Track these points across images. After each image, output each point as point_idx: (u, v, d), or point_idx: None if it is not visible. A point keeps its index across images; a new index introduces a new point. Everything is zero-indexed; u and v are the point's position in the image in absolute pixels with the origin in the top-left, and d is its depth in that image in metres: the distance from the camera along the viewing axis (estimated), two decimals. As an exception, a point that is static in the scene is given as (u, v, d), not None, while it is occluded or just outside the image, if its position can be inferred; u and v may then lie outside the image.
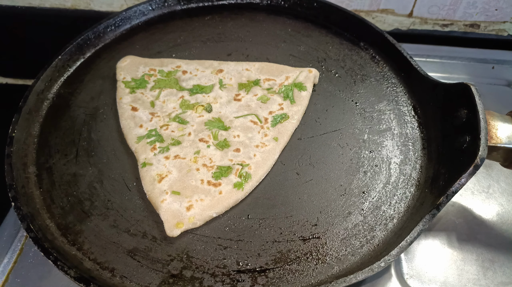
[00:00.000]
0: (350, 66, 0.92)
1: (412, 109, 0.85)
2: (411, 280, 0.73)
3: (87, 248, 0.67)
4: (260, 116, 0.81)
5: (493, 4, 1.12)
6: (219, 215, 0.70)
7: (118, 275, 0.64)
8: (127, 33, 0.99)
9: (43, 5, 1.23)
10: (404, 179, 0.75)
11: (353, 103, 0.86)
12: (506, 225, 0.79)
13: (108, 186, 0.74)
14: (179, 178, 0.72)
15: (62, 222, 0.69)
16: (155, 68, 0.88)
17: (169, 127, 0.79)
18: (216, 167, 0.73)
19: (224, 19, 1.02)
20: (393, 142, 0.80)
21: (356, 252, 0.66)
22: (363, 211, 0.71)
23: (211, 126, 0.79)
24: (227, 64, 0.90)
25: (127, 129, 0.79)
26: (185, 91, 0.85)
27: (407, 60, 0.87)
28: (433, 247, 0.77)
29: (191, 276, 0.64)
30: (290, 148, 0.79)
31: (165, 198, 0.69)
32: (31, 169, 0.75)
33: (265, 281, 0.64)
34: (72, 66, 0.91)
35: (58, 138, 0.80)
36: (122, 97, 0.83)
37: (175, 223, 0.67)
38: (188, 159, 0.74)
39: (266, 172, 0.75)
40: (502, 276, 0.73)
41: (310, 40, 0.97)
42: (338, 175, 0.75)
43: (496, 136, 0.69)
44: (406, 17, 1.18)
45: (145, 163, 0.74)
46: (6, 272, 0.75)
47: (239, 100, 0.84)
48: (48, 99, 0.85)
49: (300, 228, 0.69)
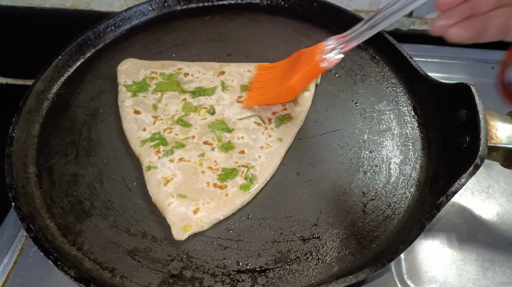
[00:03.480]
0: (350, 66, 0.92)
1: (412, 109, 0.85)
2: (411, 280, 0.73)
3: (87, 248, 0.67)
4: (264, 118, 0.81)
5: (493, 4, 1.11)
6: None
7: (118, 275, 0.64)
8: (127, 33, 0.99)
9: (43, 5, 1.23)
10: (404, 179, 0.75)
11: (353, 103, 0.86)
12: (506, 225, 0.79)
13: (108, 186, 0.74)
14: (185, 180, 0.72)
15: (62, 222, 0.70)
16: (156, 71, 0.88)
17: (173, 131, 0.79)
18: (221, 169, 0.73)
19: (224, 19, 1.02)
20: (393, 142, 0.80)
21: (356, 252, 0.66)
22: (363, 211, 0.71)
23: (215, 129, 0.79)
24: (228, 66, 0.89)
25: (130, 133, 0.79)
26: (187, 94, 0.85)
27: (407, 60, 0.87)
28: (433, 247, 0.77)
29: (191, 276, 0.64)
30: (290, 148, 0.79)
31: (171, 201, 0.69)
32: (31, 169, 0.75)
33: (265, 281, 0.64)
34: (72, 66, 0.91)
35: (58, 138, 0.80)
36: (124, 101, 0.83)
37: (183, 226, 0.67)
38: (192, 162, 0.74)
39: (271, 173, 0.74)
40: (502, 276, 0.73)
41: (310, 40, 0.97)
42: (338, 175, 0.75)
43: (496, 136, 0.69)
44: (406, 17, 1.17)
45: (150, 166, 0.74)
46: (6, 272, 0.75)
47: (242, 102, 0.83)
48: (48, 99, 0.85)
49: (300, 228, 0.69)
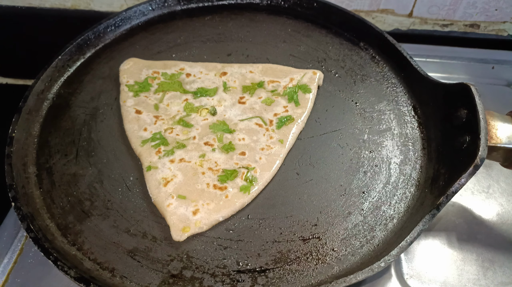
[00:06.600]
0: (350, 66, 0.92)
1: (412, 109, 0.85)
2: (411, 280, 0.73)
3: (87, 248, 0.67)
4: (265, 119, 0.81)
5: (493, 4, 1.12)
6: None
7: (118, 275, 0.64)
8: (127, 33, 0.99)
9: (43, 5, 1.23)
10: (404, 179, 0.75)
11: (353, 103, 0.86)
12: (506, 225, 0.79)
13: (108, 186, 0.74)
14: (185, 181, 0.72)
15: (62, 222, 0.70)
16: (158, 71, 0.88)
17: (174, 131, 0.79)
18: (221, 171, 0.73)
19: (224, 19, 1.02)
20: (393, 142, 0.80)
21: (356, 252, 0.67)
22: (363, 211, 0.71)
23: (216, 130, 0.79)
24: (230, 66, 0.89)
25: (131, 133, 0.79)
26: (189, 94, 0.85)
27: (407, 60, 0.87)
28: (433, 247, 0.77)
29: (191, 276, 0.64)
30: (290, 148, 0.79)
31: (171, 202, 0.69)
32: (31, 169, 0.75)
33: (265, 281, 0.64)
34: (72, 66, 0.91)
35: (58, 138, 0.80)
36: (126, 101, 0.83)
37: (182, 227, 0.67)
38: (193, 162, 0.74)
39: (272, 175, 0.74)
40: (502, 276, 0.73)
41: (310, 40, 0.97)
42: (338, 175, 0.75)
43: (496, 136, 0.69)
44: (406, 17, 1.18)
45: (150, 166, 0.74)
46: (6, 272, 0.75)
47: (244, 103, 0.83)
48: (48, 99, 0.85)
49: (300, 228, 0.69)
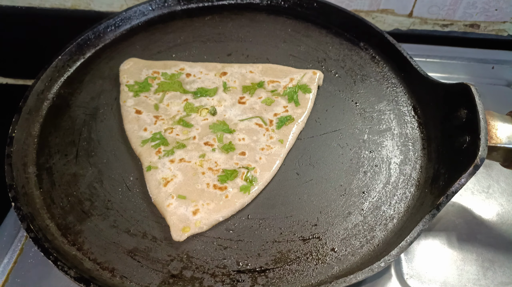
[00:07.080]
0: (350, 66, 0.92)
1: (412, 109, 0.85)
2: (411, 280, 0.73)
3: (87, 248, 0.67)
4: (265, 119, 0.81)
5: (493, 4, 1.12)
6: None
7: (118, 275, 0.64)
8: (127, 33, 0.99)
9: (43, 5, 1.23)
10: (404, 179, 0.75)
11: (353, 103, 0.86)
12: (506, 225, 0.79)
13: (108, 186, 0.74)
14: (185, 181, 0.72)
15: (62, 222, 0.70)
16: (159, 71, 0.88)
17: (174, 131, 0.79)
18: (221, 171, 0.73)
19: (224, 19, 1.02)
20: (393, 142, 0.80)
21: (356, 252, 0.67)
22: (363, 211, 0.71)
23: (216, 130, 0.79)
24: (230, 66, 0.89)
25: (131, 133, 0.79)
26: (189, 94, 0.84)
27: (407, 60, 0.87)
28: (433, 247, 0.77)
29: (191, 276, 0.64)
30: (290, 148, 0.79)
31: (171, 202, 0.69)
32: (31, 169, 0.75)
33: (265, 281, 0.64)
34: (72, 66, 0.91)
35: (58, 138, 0.80)
36: (126, 101, 0.83)
37: (182, 227, 0.67)
38: (193, 162, 0.74)
39: (272, 175, 0.74)
40: (502, 276, 0.73)
41: (310, 40, 0.97)
42: (338, 175, 0.75)
43: (496, 136, 0.69)
44: (406, 17, 1.18)
45: (150, 166, 0.74)
46: (6, 272, 0.75)
47: (244, 103, 0.83)
48: (48, 99, 0.85)
49: (300, 228, 0.69)
